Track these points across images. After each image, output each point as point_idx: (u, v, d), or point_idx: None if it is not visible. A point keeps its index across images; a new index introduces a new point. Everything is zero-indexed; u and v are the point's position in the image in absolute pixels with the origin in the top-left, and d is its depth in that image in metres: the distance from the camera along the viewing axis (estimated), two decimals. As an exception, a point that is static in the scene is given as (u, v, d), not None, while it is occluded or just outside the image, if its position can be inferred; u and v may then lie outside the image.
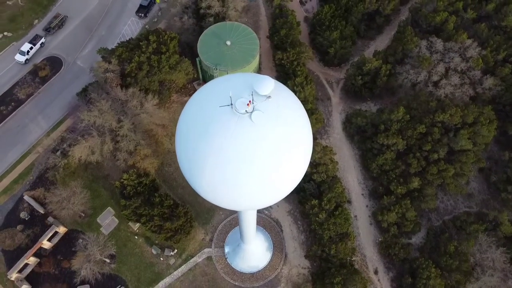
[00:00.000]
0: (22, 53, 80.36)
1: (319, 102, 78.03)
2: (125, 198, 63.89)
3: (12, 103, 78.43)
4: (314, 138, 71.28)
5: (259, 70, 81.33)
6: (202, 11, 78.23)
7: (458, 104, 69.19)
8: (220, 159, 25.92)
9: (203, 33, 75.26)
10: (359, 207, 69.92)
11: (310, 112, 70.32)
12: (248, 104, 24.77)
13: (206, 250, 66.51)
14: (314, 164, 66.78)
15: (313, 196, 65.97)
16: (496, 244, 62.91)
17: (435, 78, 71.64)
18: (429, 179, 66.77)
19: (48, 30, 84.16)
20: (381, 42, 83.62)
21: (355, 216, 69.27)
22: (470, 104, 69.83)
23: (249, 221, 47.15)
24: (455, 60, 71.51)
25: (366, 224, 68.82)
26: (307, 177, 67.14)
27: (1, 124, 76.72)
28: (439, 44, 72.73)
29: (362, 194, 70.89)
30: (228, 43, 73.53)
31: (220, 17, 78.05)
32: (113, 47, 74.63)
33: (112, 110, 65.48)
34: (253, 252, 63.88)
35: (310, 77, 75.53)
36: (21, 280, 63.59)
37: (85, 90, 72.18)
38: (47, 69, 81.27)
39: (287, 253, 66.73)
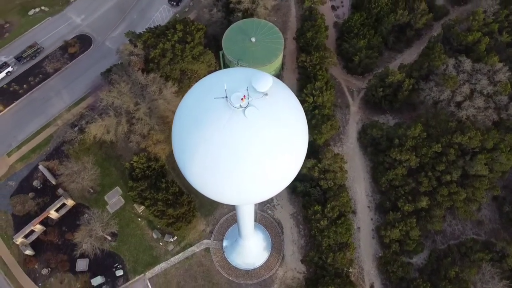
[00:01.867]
0: None
1: (337, 109, 77.33)
2: (133, 179, 65.12)
3: (40, 75, 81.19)
4: (327, 145, 70.94)
5: (281, 71, 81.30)
6: (231, 5, 78.76)
7: (479, 127, 67.24)
8: (210, 149, 26.21)
9: (229, 27, 75.78)
10: (364, 219, 68.99)
11: (326, 118, 69.83)
12: (242, 99, 24.95)
13: (205, 241, 67.11)
14: (322, 170, 66.34)
15: (318, 202, 65.53)
16: (499, 276, 60.86)
17: (458, 98, 69.82)
18: (439, 200, 65.21)
19: (19, 59, 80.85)
20: (409, 56, 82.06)
21: (358, 227, 68.39)
22: (492, 129, 67.69)
23: (246, 216, 47.29)
24: (482, 83, 69.45)
25: (368, 237, 67.86)
26: (314, 182, 66.79)
27: (28, 94, 79.61)
28: (467, 64, 70.80)
29: (368, 207, 69.92)
30: (253, 39, 73.79)
31: (248, 13, 78.39)
32: (141, 32, 76.01)
33: (131, 93, 66.84)
34: (250, 249, 64.04)
35: (331, 83, 74.87)
36: (25, 245, 65.84)
37: (109, 71, 73.90)
38: (76, 46, 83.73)
39: (285, 255, 66.58)
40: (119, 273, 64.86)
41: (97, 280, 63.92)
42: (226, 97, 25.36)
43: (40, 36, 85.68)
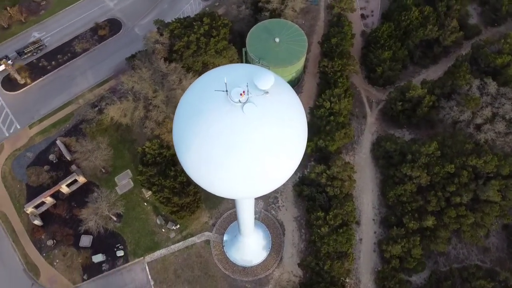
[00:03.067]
0: None
1: (353, 118, 76.80)
2: (143, 164, 66.43)
3: (69, 54, 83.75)
4: (338, 152, 70.56)
5: (303, 74, 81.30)
6: (260, 4, 79.33)
7: (496, 153, 65.58)
8: (206, 141, 26.70)
9: (255, 26, 76.32)
10: (367, 232, 68.36)
11: (341, 126, 69.51)
12: (241, 94, 25.34)
13: (207, 233, 67.90)
14: (330, 177, 66.09)
15: (322, 208, 65.32)
16: (499, 306, 59.39)
17: (479, 120, 68.31)
18: (446, 222, 63.97)
19: (20, 53, 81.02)
20: (434, 72, 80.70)
21: (361, 239, 67.82)
22: (510, 156, 65.90)
23: (245, 212, 47.68)
24: (506, 107, 67.75)
25: (369, 250, 67.20)
26: (321, 188, 66.61)
27: (55, 70, 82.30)
28: (492, 87, 69.20)
29: (373, 219, 69.23)
30: (277, 40, 74.07)
31: (276, 14, 78.74)
32: (170, 21, 77.37)
33: (151, 80, 68.21)
34: (249, 246, 64.44)
35: (350, 91, 74.49)
36: (35, 215, 68.19)
37: (133, 56, 75.59)
38: (106, 29, 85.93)
39: (283, 257, 66.68)
40: (120, 253, 66.34)
41: (98, 257, 65.57)
42: (227, 90, 25.82)
43: (73, 16, 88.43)
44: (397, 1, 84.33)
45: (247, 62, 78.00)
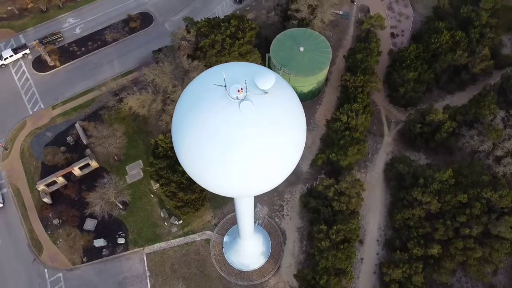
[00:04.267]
0: (0, 58, 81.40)
1: (370, 135, 75.69)
2: (154, 156, 67.23)
3: (99, 42, 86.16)
4: (350, 168, 69.53)
5: (324, 85, 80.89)
6: (289, 12, 79.55)
7: (514, 188, 63.24)
8: (201, 134, 26.78)
9: (281, 33, 76.60)
10: (369, 252, 66.93)
11: (355, 141, 68.57)
12: (239, 91, 25.39)
13: (208, 232, 68.02)
14: (338, 192, 65.18)
15: (326, 222, 64.38)
16: None
17: (499, 153, 66.20)
18: (452, 252, 61.98)
19: (41, 41, 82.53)
20: (459, 99, 78.72)
21: (362, 258, 66.44)
22: (528, 193, 63.34)
23: (243, 214, 47.53)
24: (529, 142, 65.38)
25: (369, 271, 65.71)
26: (327, 202, 65.74)
27: (84, 56, 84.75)
28: (517, 120, 66.97)
29: (377, 240, 67.75)
30: (301, 49, 74.04)
31: (304, 23, 78.81)
32: (199, 20, 78.55)
33: (172, 75, 69.28)
34: (248, 250, 64.09)
35: (370, 108, 73.52)
36: (45, 193, 69.97)
37: (160, 50, 77.03)
38: (138, 22, 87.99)
39: (281, 266, 65.99)
40: (121, 241, 67.20)
41: (100, 242, 66.62)
42: (225, 86, 25.94)
43: (108, 6, 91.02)
44: (429, 23, 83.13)
45: (269, 67, 78.24)
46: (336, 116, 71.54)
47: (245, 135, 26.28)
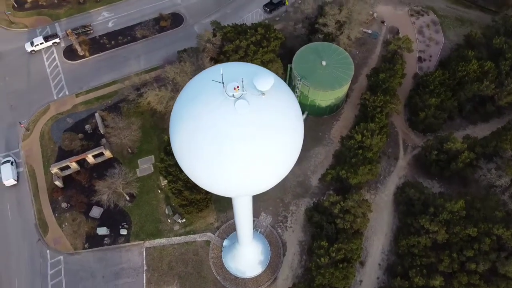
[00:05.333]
0: (32, 44, 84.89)
1: (384, 157, 74.36)
2: (165, 153, 67.99)
3: (129, 37, 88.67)
4: (359, 187, 68.46)
5: (344, 102, 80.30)
6: (316, 26, 79.68)
7: (528, 227, 60.58)
8: (195, 129, 26.97)
9: (306, 45, 76.74)
10: (369, 275, 65.28)
11: (368, 161, 67.49)
12: (235, 89, 25.52)
13: (209, 234, 68.02)
14: (343, 210, 64.09)
15: (328, 238, 63.35)
16: None
17: (516, 189, 63.67)
18: (455, 286, 59.72)
19: (75, 32, 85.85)
20: (481, 130, 76.47)
21: (361, 281, 64.86)
22: (543, 235, 60.57)
23: (240, 215, 47.22)
24: (549, 183, 62.69)
25: (367, 295, 64.05)
26: (331, 218, 64.71)
27: (112, 50, 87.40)
28: (540, 158, 64.42)
29: (379, 264, 66.04)
30: (324, 63, 73.88)
31: (330, 38, 78.72)
32: (226, 25, 79.72)
33: (193, 75, 70.24)
34: (245, 257, 63.68)
35: (387, 130, 72.40)
36: (58, 177, 71.86)
37: (185, 51, 78.46)
38: (168, 21, 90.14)
39: (278, 278, 65.17)
40: (123, 232, 68.02)
41: (102, 230, 67.65)
42: (223, 83, 26.13)
43: (142, 4, 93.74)
44: (459, 50, 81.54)
45: (290, 78, 78.41)
46: (351, 134, 70.74)
47: (239, 134, 26.30)
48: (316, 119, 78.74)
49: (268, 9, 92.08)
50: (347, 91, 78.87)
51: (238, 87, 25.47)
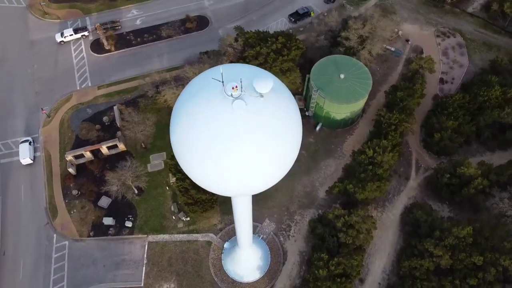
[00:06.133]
0: (62, 35, 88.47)
1: (395, 176, 73.41)
2: (177, 150, 69.13)
3: (154, 36, 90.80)
4: (366, 203, 67.78)
5: (359, 117, 79.88)
6: (339, 38, 79.81)
7: (537, 262, 58.59)
8: (192, 126, 27.57)
9: (325, 57, 76.89)
10: (368, 293, 64.29)
11: (377, 178, 66.83)
12: (233, 88, 26.02)
13: (211, 235, 68.45)
14: (347, 224, 63.52)
15: (329, 251, 62.81)
16: None
17: (528, 221, 61.73)
18: (454, 314, 58.19)
19: (104, 27, 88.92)
20: (499, 158, 74.55)
21: (359, 298, 63.92)
22: (553, 271, 58.51)
23: (239, 216, 47.53)
24: None
25: (364, 313, 63.02)
26: (334, 231, 64.19)
27: (137, 46, 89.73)
28: (556, 191, 62.37)
29: (379, 283, 64.97)
30: (342, 76, 73.81)
31: (351, 52, 78.67)
32: (249, 31, 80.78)
33: (211, 77, 71.33)
34: (244, 261, 63.77)
35: (400, 148, 71.60)
36: (72, 164, 73.89)
37: (206, 53, 79.90)
38: (194, 23, 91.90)
39: (275, 286, 64.88)
40: (128, 224, 69.20)
41: (108, 220, 69.04)
42: (223, 82, 26.69)
43: (171, 5, 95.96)
44: (483, 75, 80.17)
45: (307, 89, 78.61)
46: (362, 149, 70.25)
47: (233, 133, 26.75)
48: (330, 131, 78.53)
49: (293, 19, 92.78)
50: (363, 106, 78.47)
51: (236, 87, 25.97)
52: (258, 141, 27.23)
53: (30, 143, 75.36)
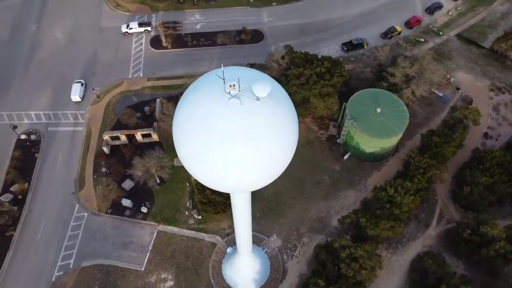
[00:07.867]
0: (127, 26, 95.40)
1: (415, 221, 71.16)
2: (203, 150, 71.72)
3: (209, 41, 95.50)
4: (377, 241, 66.24)
5: (390, 155, 78.56)
6: (384, 73, 79.54)
7: None
8: (191, 119, 29.30)
9: (366, 89, 76.89)
10: (360, 332, 62.17)
11: (392, 218, 65.19)
12: (231, 87, 27.58)
13: (217, 237, 69.78)
14: (352, 256, 62.33)
15: (327, 279, 61.82)
16: None
17: (547, 298, 57.25)
18: None
19: (166, 26, 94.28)
20: (531, 226, 69.83)
21: (349, 335, 61.94)
22: None
23: (238, 217, 48.29)
24: None
25: None
26: (337, 261, 63.15)
27: (192, 48, 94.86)
28: None
29: (373, 326, 62.74)
30: (378, 110, 73.33)
31: (394, 89, 78.02)
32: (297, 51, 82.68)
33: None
34: (243, 269, 64.24)
35: (423, 194, 69.52)
36: (107, 144, 78.85)
37: (252, 65, 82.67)
38: (249, 36, 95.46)
39: (268, 302, 64.74)
40: (144, 210, 72.35)
41: (127, 202, 72.65)
42: (224, 79, 28.37)
43: (232, 16, 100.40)
44: (531, 137, 76.19)
45: (342, 117, 78.71)
46: (384, 186, 68.94)
47: (228, 130, 28.04)
48: (357, 163, 77.80)
49: (345, 48, 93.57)
50: (396, 145, 77.17)
51: (234, 85, 27.55)
52: (249, 141, 28.39)
53: (82, 84, 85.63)
